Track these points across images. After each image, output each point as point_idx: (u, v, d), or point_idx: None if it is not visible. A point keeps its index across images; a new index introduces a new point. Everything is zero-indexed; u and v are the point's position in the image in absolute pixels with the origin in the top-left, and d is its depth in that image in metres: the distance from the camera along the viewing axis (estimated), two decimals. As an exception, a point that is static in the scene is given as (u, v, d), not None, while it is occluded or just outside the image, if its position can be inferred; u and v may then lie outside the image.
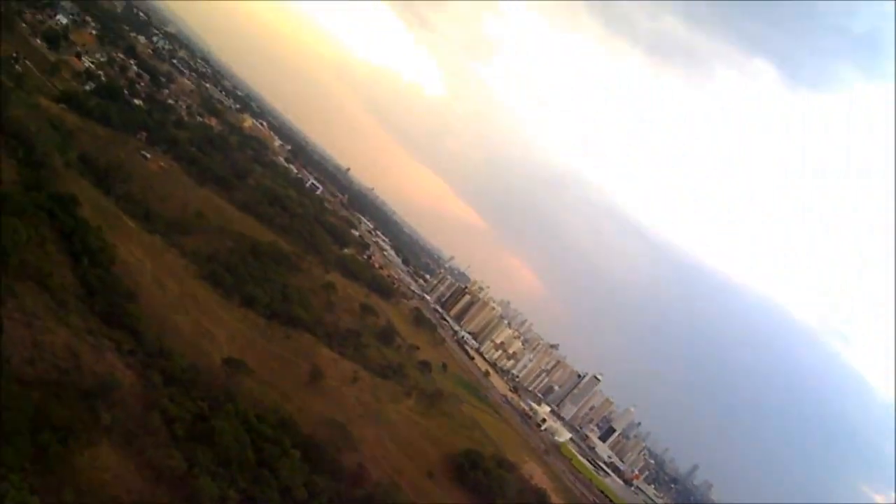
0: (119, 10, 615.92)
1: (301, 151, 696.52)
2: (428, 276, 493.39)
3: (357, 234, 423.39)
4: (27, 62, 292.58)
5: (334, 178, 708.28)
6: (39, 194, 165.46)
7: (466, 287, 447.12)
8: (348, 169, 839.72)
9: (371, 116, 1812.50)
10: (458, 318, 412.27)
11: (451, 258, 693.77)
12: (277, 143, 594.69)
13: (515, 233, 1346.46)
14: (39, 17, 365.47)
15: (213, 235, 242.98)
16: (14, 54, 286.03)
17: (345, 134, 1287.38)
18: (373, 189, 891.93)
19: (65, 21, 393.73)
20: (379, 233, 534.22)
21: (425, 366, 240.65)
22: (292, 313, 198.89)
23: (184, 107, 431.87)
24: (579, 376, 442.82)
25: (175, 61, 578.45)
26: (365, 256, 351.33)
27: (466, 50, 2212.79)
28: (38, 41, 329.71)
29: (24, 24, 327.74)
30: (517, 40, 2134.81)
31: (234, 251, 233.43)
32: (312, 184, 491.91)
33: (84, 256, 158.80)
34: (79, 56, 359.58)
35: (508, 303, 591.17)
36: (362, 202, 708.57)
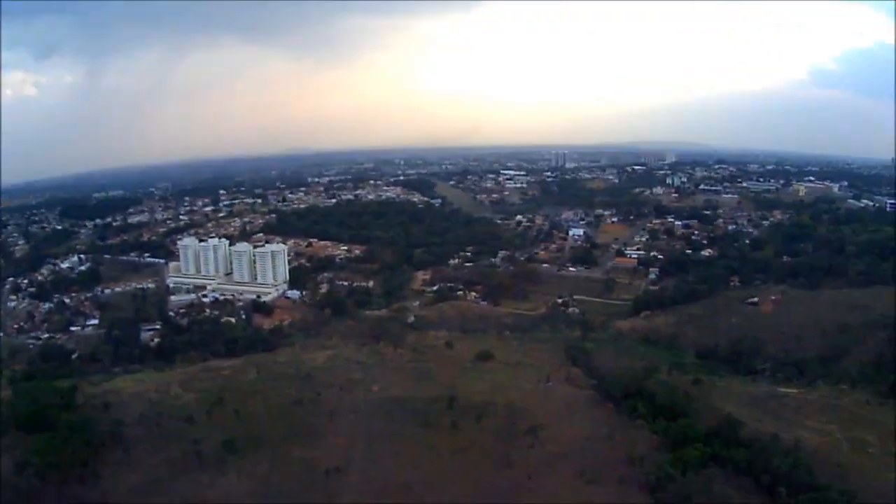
0: (615, 180, 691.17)
1: (853, 177, 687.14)
2: None
3: None
4: (576, 298, 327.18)
5: (893, 180, 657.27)
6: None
7: None
8: (893, 158, 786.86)
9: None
10: None
11: None
12: (836, 188, 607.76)
13: None
14: (553, 246, 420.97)
15: (864, 337, 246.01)
16: (559, 301, 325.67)
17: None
18: None
19: (581, 232, 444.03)
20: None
21: None
22: None
23: (745, 223, 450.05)
24: None
25: (702, 186, 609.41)
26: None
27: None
28: (571, 269, 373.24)
29: (545, 265, 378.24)
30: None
31: (891, 340, 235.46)
32: (890, 204, 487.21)
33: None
34: (621, 253, 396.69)
35: None
36: None
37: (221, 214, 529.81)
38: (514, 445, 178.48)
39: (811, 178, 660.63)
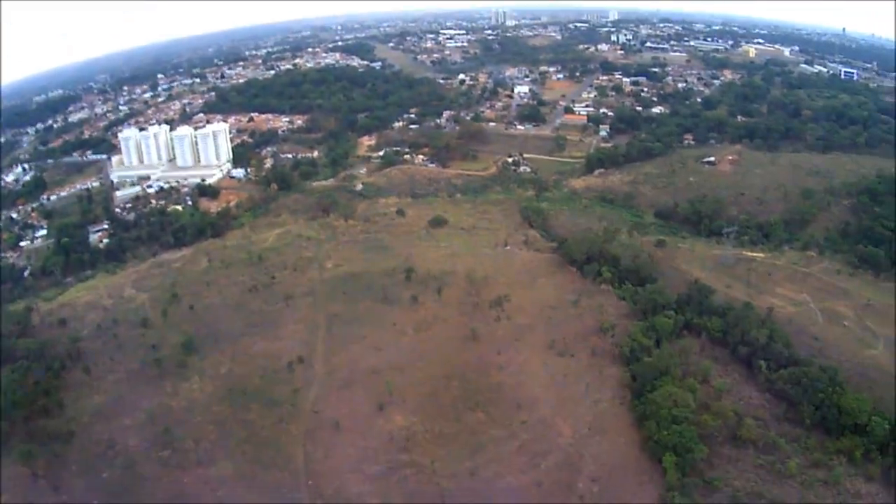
0: (558, 37, 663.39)
1: (804, 43, 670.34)
2: None
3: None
4: (527, 156, 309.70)
5: (844, 48, 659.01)
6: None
7: None
8: (843, 29, 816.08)
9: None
10: None
11: None
12: (787, 51, 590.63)
13: None
14: (499, 104, 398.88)
15: (828, 204, 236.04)
16: (509, 160, 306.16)
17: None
18: (873, 34, 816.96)
19: (526, 89, 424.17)
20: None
21: None
22: None
23: (695, 81, 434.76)
24: None
25: (648, 44, 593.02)
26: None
27: None
28: (519, 127, 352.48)
29: (492, 124, 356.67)
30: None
31: (856, 209, 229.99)
32: (845, 72, 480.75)
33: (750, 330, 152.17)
34: (570, 110, 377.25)
35: None
36: (883, 58, 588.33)
37: (161, 99, 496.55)
38: (479, 318, 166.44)
39: (760, 40, 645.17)
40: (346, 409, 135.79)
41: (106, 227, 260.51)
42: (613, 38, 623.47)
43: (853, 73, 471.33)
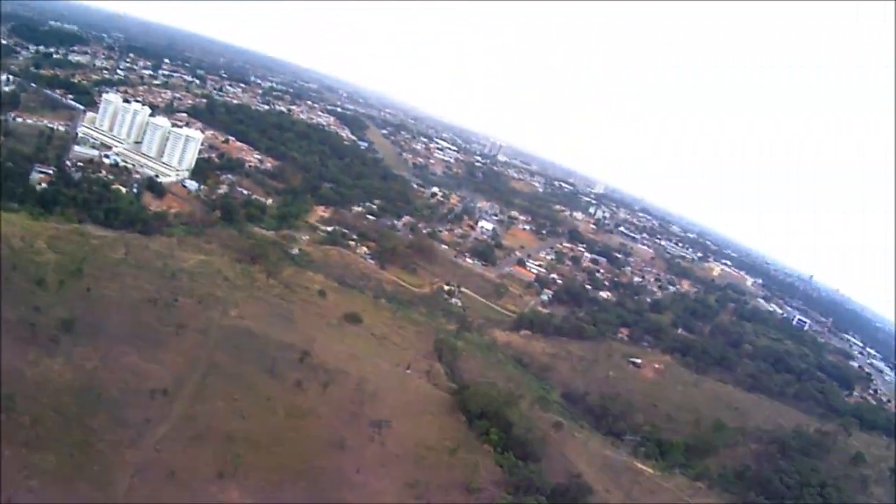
0: (540, 189, 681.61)
1: (769, 279, 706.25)
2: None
3: (856, 364, 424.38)
4: (463, 290, 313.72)
5: (806, 295, 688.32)
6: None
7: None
8: (811, 276, 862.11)
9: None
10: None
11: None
12: (749, 281, 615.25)
13: None
14: (459, 230, 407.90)
15: (735, 443, 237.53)
16: (445, 287, 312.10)
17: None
18: (838, 290, 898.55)
19: (490, 226, 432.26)
20: (869, 349, 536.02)
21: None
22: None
23: (651, 280, 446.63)
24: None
25: (622, 228, 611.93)
26: (870, 392, 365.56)
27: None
28: (468, 260, 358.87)
29: (444, 247, 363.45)
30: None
31: (761, 456, 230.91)
32: (799, 319, 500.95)
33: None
34: (522, 262, 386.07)
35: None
36: (840, 315, 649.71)
37: (156, 82, 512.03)
38: (353, 430, 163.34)
39: (728, 262, 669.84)
40: (187, 461, 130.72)
41: (51, 172, 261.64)
42: (591, 210, 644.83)
43: (805, 322, 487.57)
